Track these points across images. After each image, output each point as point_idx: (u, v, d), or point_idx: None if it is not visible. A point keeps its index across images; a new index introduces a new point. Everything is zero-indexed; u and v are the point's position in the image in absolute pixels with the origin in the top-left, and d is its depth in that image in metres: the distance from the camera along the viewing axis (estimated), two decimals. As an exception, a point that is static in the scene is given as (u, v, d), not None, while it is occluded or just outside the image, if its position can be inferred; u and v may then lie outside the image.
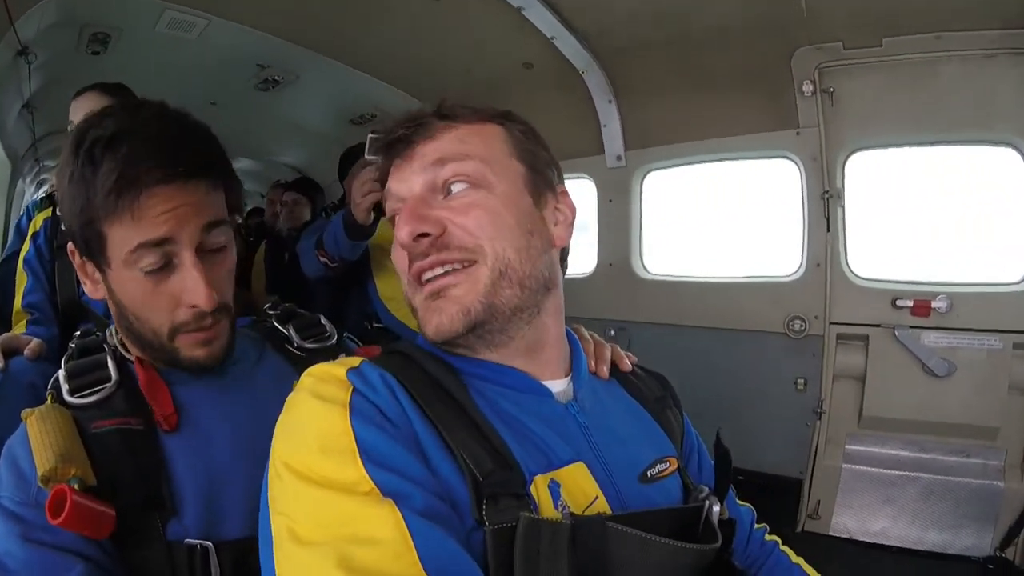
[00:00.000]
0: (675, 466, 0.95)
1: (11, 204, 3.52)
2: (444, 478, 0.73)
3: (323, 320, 1.30)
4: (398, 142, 0.87)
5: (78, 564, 0.81)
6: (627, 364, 1.12)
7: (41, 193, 4.06)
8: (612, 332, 3.18)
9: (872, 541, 2.50)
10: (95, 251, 0.94)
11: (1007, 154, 2.24)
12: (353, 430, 0.71)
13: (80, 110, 1.82)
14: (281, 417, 0.78)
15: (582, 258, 3.36)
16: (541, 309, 0.88)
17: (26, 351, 1.47)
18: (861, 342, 2.55)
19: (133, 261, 0.92)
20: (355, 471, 0.67)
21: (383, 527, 0.63)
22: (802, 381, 2.68)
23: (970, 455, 2.35)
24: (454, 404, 0.79)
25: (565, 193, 0.96)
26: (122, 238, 0.91)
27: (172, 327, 0.97)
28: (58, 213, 2.02)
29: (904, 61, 2.31)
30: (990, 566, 2.28)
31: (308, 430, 0.73)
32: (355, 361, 0.85)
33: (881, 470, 2.50)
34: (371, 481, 0.66)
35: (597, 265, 3.32)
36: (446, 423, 0.77)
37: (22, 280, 1.96)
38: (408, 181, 0.86)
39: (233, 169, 1.05)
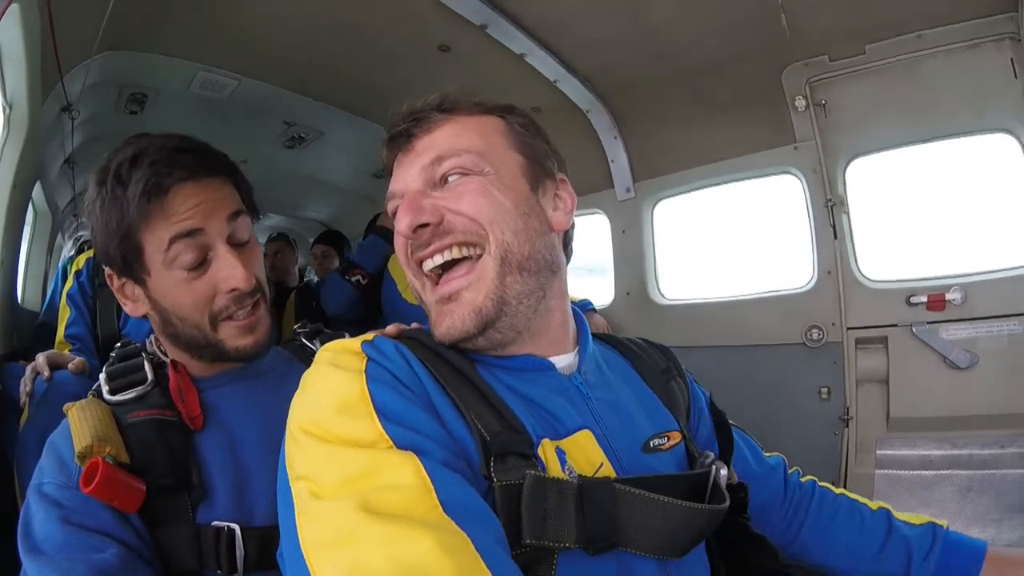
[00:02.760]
0: (677, 439, 0.98)
1: (51, 255, 3.70)
2: (459, 438, 0.77)
3: (347, 337, 1.39)
4: (399, 136, 0.93)
5: (112, 546, 0.87)
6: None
7: (74, 252, 4.27)
8: (633, 360, 3.16)
9: (914, 546, 2.37)
10: (133, 264, 1.05)
11: (1003, 140, 2.26)
12: (370, 392, 0.75)
13: None
14: (298, 391, 0.83)
15: (601, 290, 3.43)
16: (546, 292, 0.92)
17: (70, 366, 1.57)
18: (880, 344, 2.53)
19: (171, 260, 1.03)
20: (374, 430, 0.71)
21: (404, 474, 0.66)
22: (825, 390, 2.64)
23: (1005, 445, 2.26)
24: (463, 376, 0.84)
25: (565, 182, 1.01)
26: (156, 237, 1.02)
27: (212, 315, 1.07)
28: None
29: (890, 64, 2.38)
30: (1037, 557, 2.15)
31: (325, 396, 0.77)
32: (369, 336, 0.90)
33: (915, 472, 2.41)
34: (389, 438, 0.70)
35: (615, 295, 3.37)
36: (456, 389, 0.81)
37: (65, 313, 2.09)
38: (405, 178, 0.91)
39: (240, 170, 1.16)
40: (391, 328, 0.99)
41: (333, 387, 0.78)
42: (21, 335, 2.31)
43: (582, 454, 0.83)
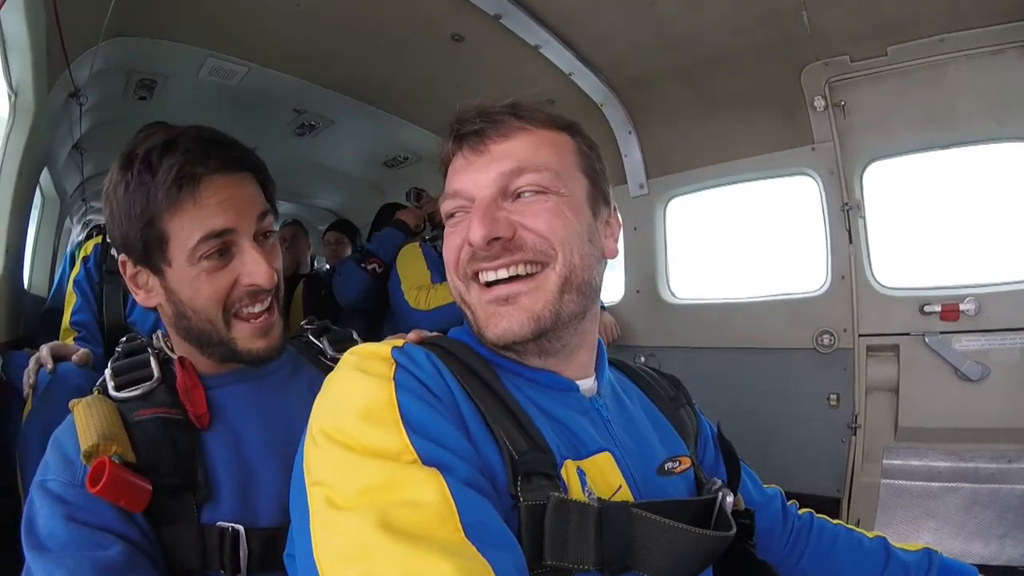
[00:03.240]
0: (687, 464, 0.98)
1: (59, 240, 3.71)
2: (485, 454, 0.75)
3: (355, 335, 1.38)
4: (472, 135, 0.89)
5: (117, 543, 0.86)
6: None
7: (83, 236, 4.30)
8: (642, 358, 3.17)
9: (916, 558, 2.37)
10: (154, 252, 1.03)
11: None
12: (397, 401, 0.73)
13: None
14: (321, 393, 0.81)
15: (610, 287, 3.40)
16: (586, 315, 0.92)
17: (74, 357, 1.57)
18: (892, 352, 2.51)
19: (197, 253, 1.01)
20: (399, 441, 0.69)
21: (426, 491, 0.64)
22: (834, 396, 2.63)
23: (1012, 460, 2.25)
24: (491, 389, 0.83)
25: (616, 209, 0.99)
26: (185, 231, 1.01)
27: (226, 308, 1.05)
28: (108, 240, 2.17)
29: (911, 67, 2.34)
30: (1040, 575, 2.16)
31: (350, 401, 0.75)
32: (398, 341, 0.88)
33: (921, 483, 2.40)
34: (414, 451, 0.68)
35: (625, 292, 3.35)
36: (485, 402, 0.80)
37: (71, 299, 2.09)
38: (478, 182, 0.87)
39: (266, 168, 1.15)
40: (412, 335, 0.98)
41: (359, 392, 0.76)
42: (27, 321, 2.32)
43: (601, 476, 0.83)
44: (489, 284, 0.86)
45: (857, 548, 1.14)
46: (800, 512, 1.23)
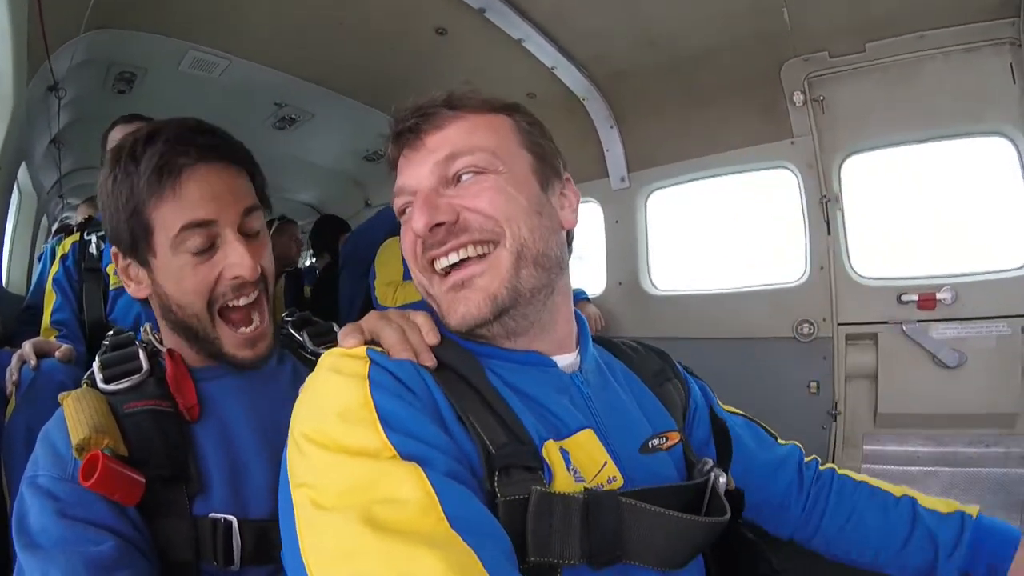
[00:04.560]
0: (675, 439, 0.97)
1: (36, 237, 3.63)
2: (462, 447, 0.75)
3: (335, 327, 1.35)
4: (408, 132, 0.90)
5: (109, 538, 0.85)
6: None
7: (56, 225, 4.22)
8: (625, 350, 3.18)
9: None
10: (140, 242, 1.02)
11: (999, 143, 2.29)
12: (373, 400, 0.73)
13: (117, 139, 1.96)
14: (300, 396, 0.81)
15: (593, 279, 3.43)
16: (554, 289, 0.92)
17: (57, 354, 1.54)
18: (870, 340, 2.56)
19: (179, 243, 1.00)
20: (377, 439, 0.69)
21: (407, 487, 0.64)
22: (815, 384, 2.67)
23: (990, 444, 2.32)
24: (468, 381, 0.83)
25: (570, 180, 1.00)
26: (167, 220, 0.99)
27: (211, 302, 1.04)
28: (85, 237, 2.13)
29: (889, 63, 2.40)
30: (1021, 556, 2.21)
31: (328, 403, 0.76)
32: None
33: (901, 468, 2.46)
34: (392, 448, 0.68)
35: (607, 284, 3.37)
36: (462, 396, 0.80)
37: (51, 298, 2.05)
38: (417, 175, 0.89)
39: (255, 160, 1.13)
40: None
41: (335, 393, 0.77)
42: (5, 319, 2.27)
43: (585, 454, 0.83)
44: (446, 272, 0.87)
45: (881, 511, 1.10)
46: (822, 468, 1.20)
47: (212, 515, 0.96)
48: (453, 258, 0.86)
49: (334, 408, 0.74)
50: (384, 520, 0.61)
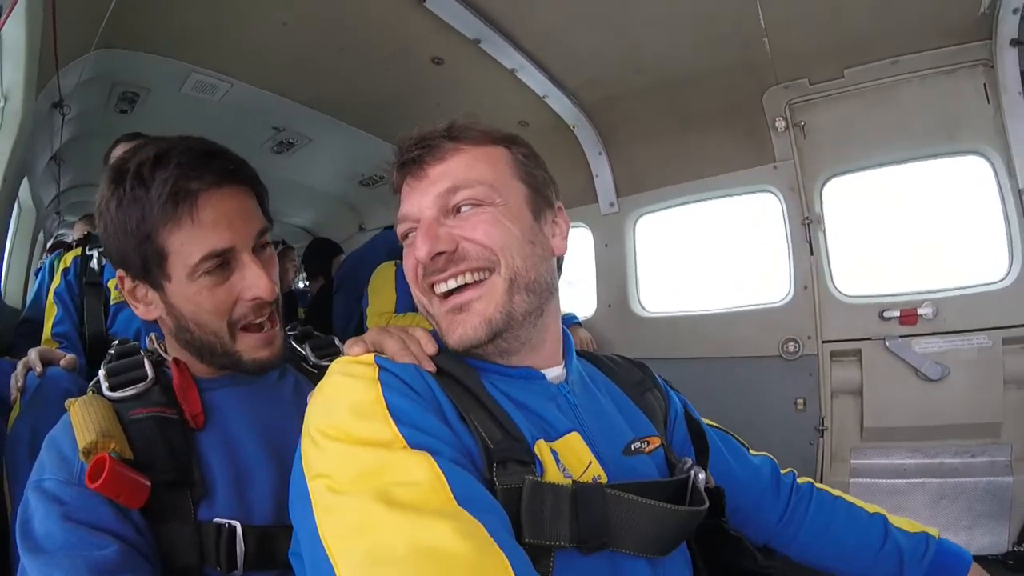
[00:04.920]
0: (656, 444, 1.04)
1: (33, 252, 3.62)
2: (464, 443, 0.82)
3: (336, 341, 1.39)
4: (412, 162, 0.97)
5: (113, 543, 0.86)
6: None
7: (51, 241, 4.18)
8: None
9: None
10: (153, 268, 1.03)
11: (975, 162, 2.38)
12: (384, 398, 0.80)
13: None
14: (313, 398, 0.87)
15: (583, 301, 3.48)
16: (544, 311, 0.99)
17: (62, 362, 1.55)
18: (855, 357, 2.62)
19: (197, 270, 1.01)
20: (389, 431, 0.75)
21: (419, 471, 0.71)
22: (801, 401, 2.72)
23: (975, 454, 2.37)
24: (467, 388, 0.89)
25: (561, 209, 1.07)
26: (184, 247, 1.01)
27: (231, 322, 1.06)
28: (87, 252, 2.15)
29: (867, 88, 2.50)
30: (1010, 562, 2.25)
31: (342, 401, 0.82)
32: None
33: (888, 480, 2.50)
34: (404, 439, 0.74)
35: (597, 307, 3.42)
36: (462, 399, 0.87)
37: (52, 311, 2.05)
38: (419, 204, 0.95)
39: (261, 180, 1.15)
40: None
41: (348, 393, 0.83)
42: (1, 331, 2.26)
43: (572, 454, 0.89)
44: (446, 295, 0.94)
45: (856, 523, 1.19)
46: (800, 482, 1.28)
47: (216, 520, 0.97)
48: (452, 284, 0.93)
49: (347, 405, 0.80)
50: (398, 498, 0.67)
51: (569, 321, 3.14)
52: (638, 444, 1.00)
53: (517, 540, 0.72)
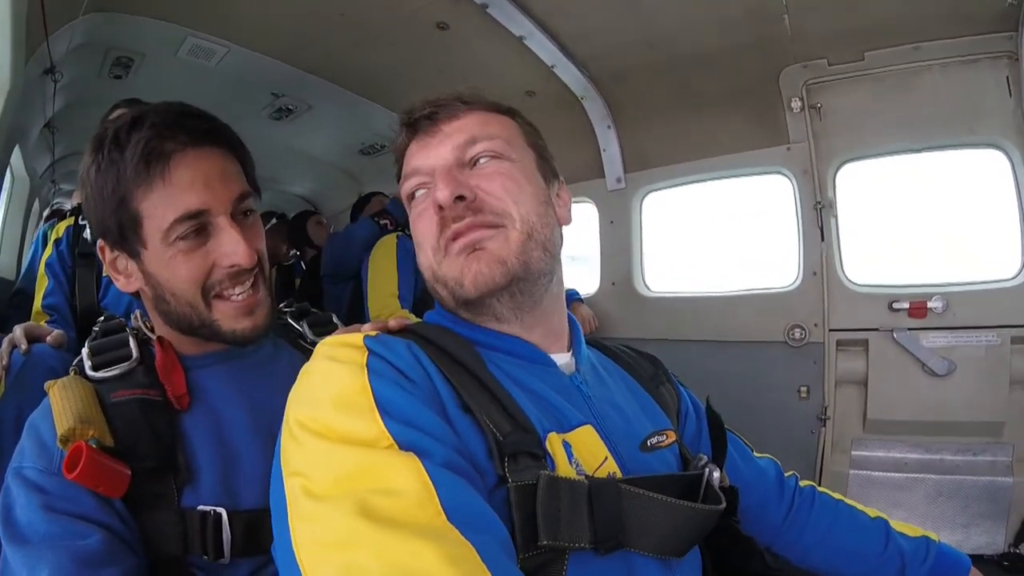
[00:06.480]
0: (672, 438, 0.99)
1: (28, 222, 3.59)
2: (463, 436, 0.75)
3: (335, 318, 1.35)
4: (424, 119, 0.94)
5: (96, 532, 0.83)
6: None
7: (47, 210, 4.16)
8: (617, 349, 3.20)
9: (884, 546, 2.45)
10: (129, 234, 0.99)
11: (992, 155, 2.31)
12: (371, 387, 0.73)
13: None
14: (296, 384, 0.81)
15: (586, 279, 3.44)
16: (555, 277, 0.96)
17: (48, 338, 1.51)
18: (861, 347, 2.58)
19: (171, 233, 0.97)
20: (374, 427, 0.69)
21: (404, 478, 0.63)
22: (805, 389, 2.69)
23: (977, 453, 2.35)
24: (471, 371, 0.83)
25: (563, 183, 1.05)
26: (157, 209, 0.97)
27: (205, 290, 1.01)
28: (80, 222, 2.11)
29: (887, 73, 2.42)
30: (1005, 563, 2.25)
31: (324, 390, 0.75)
32: (371, 331, 0.89)
33: (888, 474, 2.48)
34: (390, 436, 0.68)
35: (600, 285, 3.38)
36: (465, 386, 0.81)
37: (43, 282, 2.02)
38: (434, 156, 0.92)
39: (244, 144, 1.10)
40: (393, 322, 0.97)
41: (332, 380, 0.76)
42: None
43: (586, 448, 0.84)
44: (457, 238, 0.89)
45: (858, 527, 1.17)
46: (802, 485, 1.25)
47: (201, 507, 0.94)
48: (473, 236, 0.88)
49: (330, 395, 0.74)
50: (379, 510, 0.60)
51: (571, 297, 3.11)
52: (656, 439, 0.96)
53: (531, 542, 0.70)
